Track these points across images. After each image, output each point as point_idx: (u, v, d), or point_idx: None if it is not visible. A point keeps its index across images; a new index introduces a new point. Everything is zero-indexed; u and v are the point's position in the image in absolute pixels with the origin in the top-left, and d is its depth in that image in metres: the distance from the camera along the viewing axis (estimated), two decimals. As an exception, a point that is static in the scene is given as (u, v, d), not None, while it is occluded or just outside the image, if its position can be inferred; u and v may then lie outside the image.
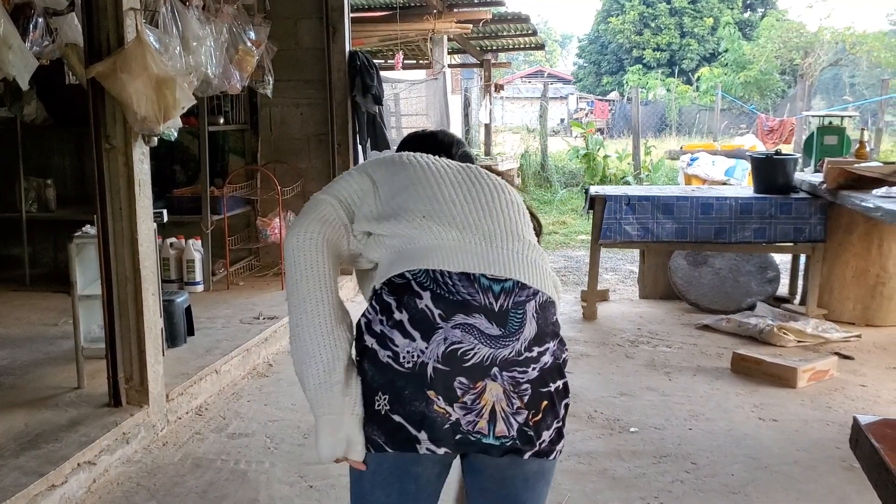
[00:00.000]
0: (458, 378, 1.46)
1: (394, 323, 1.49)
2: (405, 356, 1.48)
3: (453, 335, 1.47)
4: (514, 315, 1.51)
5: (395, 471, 1.55)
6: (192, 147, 6.16)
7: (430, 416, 1.47)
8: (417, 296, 1.50)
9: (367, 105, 6.06)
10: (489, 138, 12.13)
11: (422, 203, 1.61)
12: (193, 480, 3.16)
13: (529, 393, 1.51)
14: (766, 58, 27.45)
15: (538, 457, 1.55)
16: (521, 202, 1.74)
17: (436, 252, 1.54)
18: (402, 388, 1.48)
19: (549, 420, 1.54)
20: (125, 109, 3.24)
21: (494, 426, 1.49)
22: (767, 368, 4.32)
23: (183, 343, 4.35)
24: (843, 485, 3.12)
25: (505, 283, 1.53)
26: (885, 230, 5.20)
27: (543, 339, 1.54)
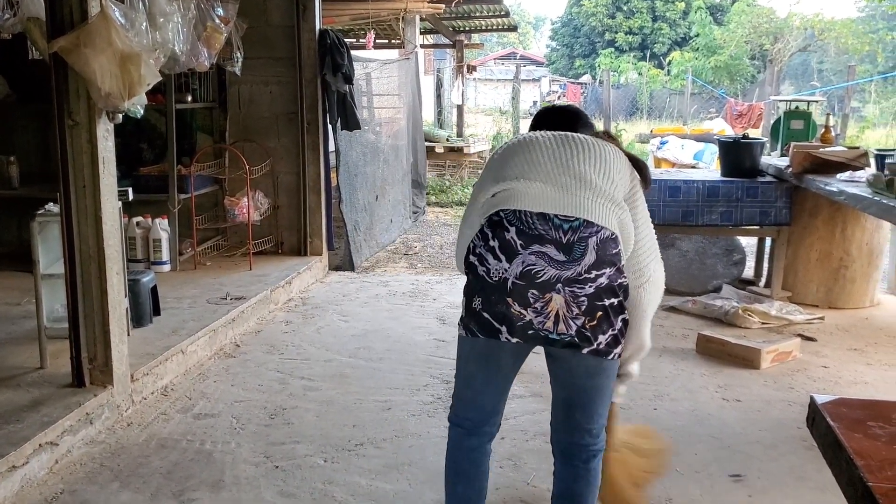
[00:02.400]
0: (531, 290, 2.02)
1: (488, 248, 2.07)
2: (494, 272, 2.05)
3: (529, 259, 2.02)
4: (578, 246, 2.02)
5: (483, 352, 2.17)
6: (160, 125, 6.07)
7: (509, 316, 2.05)
8: (506, 229, 2.06)
9: (337, 84, 6.01)
10: (461, 119, 12.09)
11: (518, 167, 2.16)
12: (158, 461, 3.14)
13: (586, 304, 2.02)
14: (737, 43, 27.61)
15: (596, 355, 2.07)
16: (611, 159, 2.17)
17: (521, 198, 2.08)
18: (490, 295, 2.06)
19: (604, 327, 2.05)
20: (89, 85, 3.18)
21: (557, 326, 2.03)
22: (732, 349, 4.38)
23: (149, 323, 4.31)
24: (803, 464, 3.17)
25: (573, 222, 2.04)
26: (848, 214, 5.28)
27: (601, 265, 2.03)
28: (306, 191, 6.19)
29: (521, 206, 2.07)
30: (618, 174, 2.16)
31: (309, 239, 6.23)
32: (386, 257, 7.20)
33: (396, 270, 6.66)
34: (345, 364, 4.26)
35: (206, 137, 6.24)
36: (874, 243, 5.38)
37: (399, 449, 3.26)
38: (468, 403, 2.29)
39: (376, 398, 3.79)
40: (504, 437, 3.34)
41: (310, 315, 5.17)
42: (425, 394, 3.85)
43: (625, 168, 2.21)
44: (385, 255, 7.26)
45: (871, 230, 5.35)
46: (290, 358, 4.35)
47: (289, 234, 6.27)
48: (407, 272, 6.59)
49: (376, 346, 4.56)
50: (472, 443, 2.30)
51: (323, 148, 6.21)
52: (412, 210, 8.94)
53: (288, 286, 5.52)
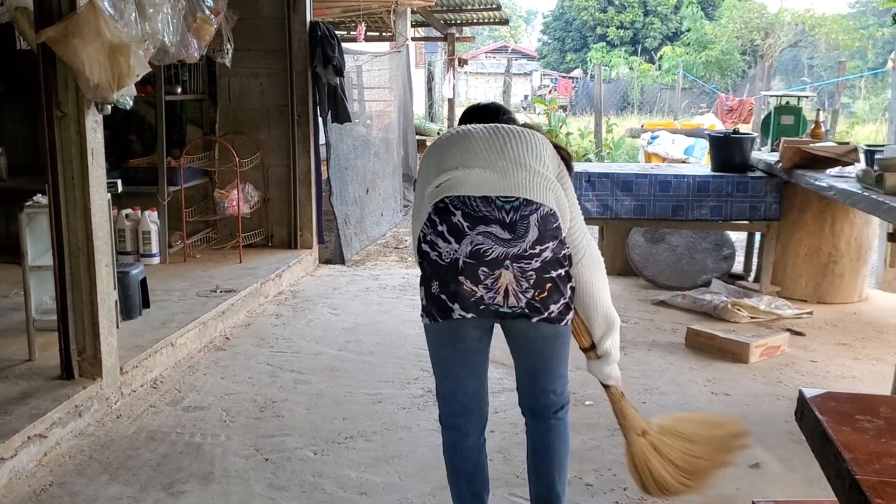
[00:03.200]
0: (481, 268, 2.13)
1: (437, 233, 2.17)
2: (445, 254, 2.15)
3: (476, 239, 2.13)
4: (520, 224, 2.14)
5: (447, 333, 2.26)
6: (149, 117, 6.04)
7: (461, 293, 2.15)
8: (452, 214, 2.16)
9: (327, 76, 5.99)
10: (452, 113, 12.07)
11: (457, 157, 2.26)
12: (147, 453, 3.14)
13: (534, 277, 2.15)
14: (728, 38, 27.66)
15: (549, 322, 2.20)
16: (539, 145, 2.30)
17: (464, 184, 2.20)
18: (444, 276, 2.16)
19: (555, 297, 2.18)
20: (77, 76, 3.16)
21: (507, 300, 2.15)
22: (720, 344, 4.40)
23: (138, 315, 4.29)
24: (791, 457, 3.19)
25: (514, 202, 2.16)
26: (837, 209, 5.30)
27: (544, 240, 2.15)
28: (296, 184, 6.17)
29: (464, 192, 2.18)
30: (547, 157, 2.30)
31: (299, 232, 6.22)
32: (376, 251, 7.20)
33: (387, 264, 6.65)
34: (335, 357, 4.26)
35: (195, 129, 6.21)
36: (863, 238, 5.41)
37: (389, 442, 3.26)
38: (452, 399, 2.36)
39: (366, 391, 3.79)
40: (494, 429, 3.34)
41: (300, 308, 5.17)
42: (415, 387, 3.85)
43: (552, 152, 2.34)
44: (376, 249, 7.26)
45: (859, 225, 5.37)
46: (280, 351, 4.34)
47: (279, 227, 6.26)
48: (397, 266, 6.58)
49: (366, 339, 4.56)
50: (467, 443, 2.38)
51: (313, 141, 6.20)
52: (402, 204, 8.93)
53: (278, 279, 5.50)
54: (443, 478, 2.91)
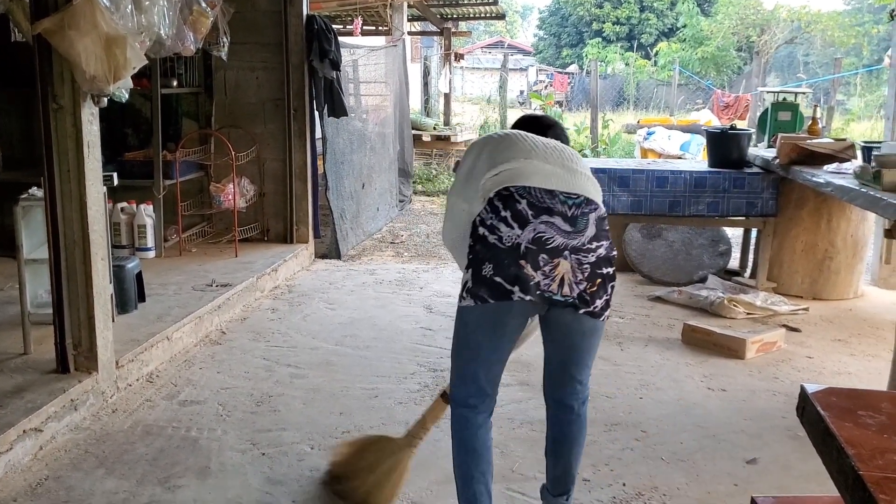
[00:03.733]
0: (541, 255, 2.21)
1: (500, 218, 2.25)
2: (506, 238, 2.22)
3: (539, 228, 2.22)
4: (581, 219, 2.26)
5: (492, 317, 2.29)
6: (145, 110, 6.01)
7: (521, 276, 2.21)
8: (517, 201, 2.25)
9: (324, 70, 5.97)
10: (448, 108, 12.05)
11: (518, 151, 2.38)
12: (143, 447, 3.12)
13: (589, 271, 2.25)
14: (724, 34, 27.67)
15: (591, 316, 2.31)
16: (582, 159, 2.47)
17: (529, 175, 2.30)
18: (503, 259, 2.22)
19: (601, 293, 2.29)
20: (73, 68, 3.14)
21: (562, 288, 2.23)
22: (717, 339, 4.40)
23: (133, 309, 4.28)
24: (787, 453, 3.20)
25: (576, 199, 2.28)
26: (834, 206, 5.31)
27: (600, 237, 2.29)
28: (293, 178, 6.16)
29: (530, 183, 2.28)
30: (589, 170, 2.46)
31: (295, 227, 6.20)
32: (372, 246, 7.18)
33: (383, 259, 6.64)
34: (331, 352, 4.25)
35: (191, 123, 6.18)
36: (859, 235, 5.42)
37: (386, 437, 3.26)
38: (473, 381, 2.40)
39: (363, 386, 3.78)
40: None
41: (296, 303, 5.15)
42: (412, 382, 3.84)
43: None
44: (371, 244, 7.24)
45: (856, 222, 5.38)
46: (276, 345, 4.33)
47: (275, 221, 6.24)
48: (393, 261, 6.57)
49: (363, 334, 4.55)
50: (478, 421, 2.43)
51: (310, 135, 6.18)
52: (398, 198, 8.91)
53: (274, 274, 5.49)
54: (441, 473, 2.93)
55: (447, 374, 3.87)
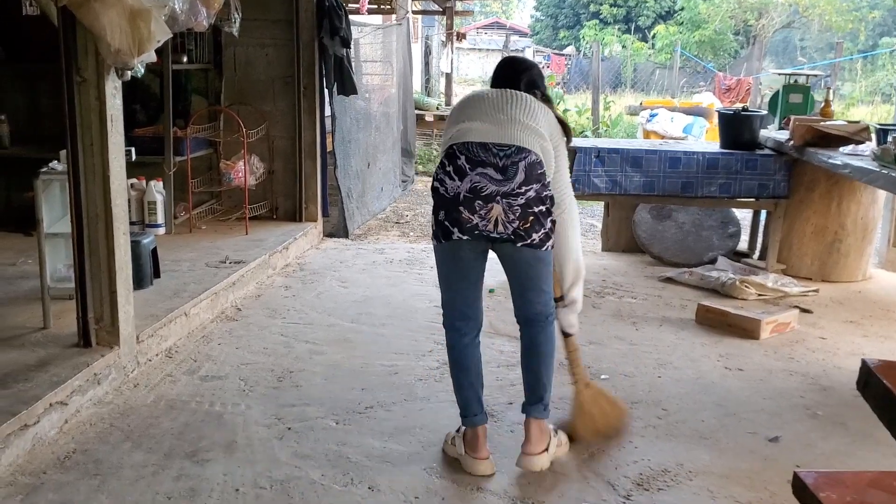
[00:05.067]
0: (476, 201, 2.62)
1: (445, 172, 2.67)
2: (450, 189, 2.65)
3: (475, 178, 2.62)
4: (511, 168, 2.61)
5: (449, 253, 2.77)
6: (154, 86, 5.97)
7: (460, 220, 2.65)
8: (457, 158, 2.65)
9: (334, 48, 5.92)
10: (450, 88, 12.00)
11: (467, 113, 2.78)
12: (168, 422, 3.13)
13: (520, 211, 2.62)
14: (721, 17, 27.58)
15: (531, 247, 2.68)
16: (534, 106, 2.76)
17: (468, 134, 2.69)
18: (448, 207, 2.66)
19: (536, 227, 2.65)
20: (98, 41, 3.11)
21: (497, 227, 2.64)
22: (731, 320, 4.42)
23: (149, 285, 4.26)
24: (808, 432, 3.22)
25: (508, 150, 2.63)
26: (844, 188, 5.32)
27: (529, 182, 2.62)
28: (302, 156, 6.13)
29: (468, 139, 2.67)
30: (542, 119, 2.74)
31: (304, 205, 6.18)
32: (377, 225, 7.17)
33: (389, 238, 6.64)
34: (347, 329, 4.25)
35: (200, 100, 6.14)
36: (869, 218, 5.44)
37: (409, 412, 3.27)
38: (452, 306, 2.88)
39: (382, 363, 3.79)
40: (512, 401, 3.36)
41: (308, 280, 5.15)
42: (430, 359, 3.85)
43: (548, 117, 2.78)
44: (376, 223, 7.23)
45: (866, 205, 5.39)
46: (292, 322, 4.33)
47: (284, 199, 6.22)
48: (401, 240, 6.57)
49: (377, 312, 4.55)
50: (464, 341, 2.88)
51: (319, 113, 6.14)
52: (401, 178, 8.89)
53: (285, 251, 5.48)
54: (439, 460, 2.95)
55: (465, 351, 3.90)
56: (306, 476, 2.75)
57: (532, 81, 2.92)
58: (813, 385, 3.72)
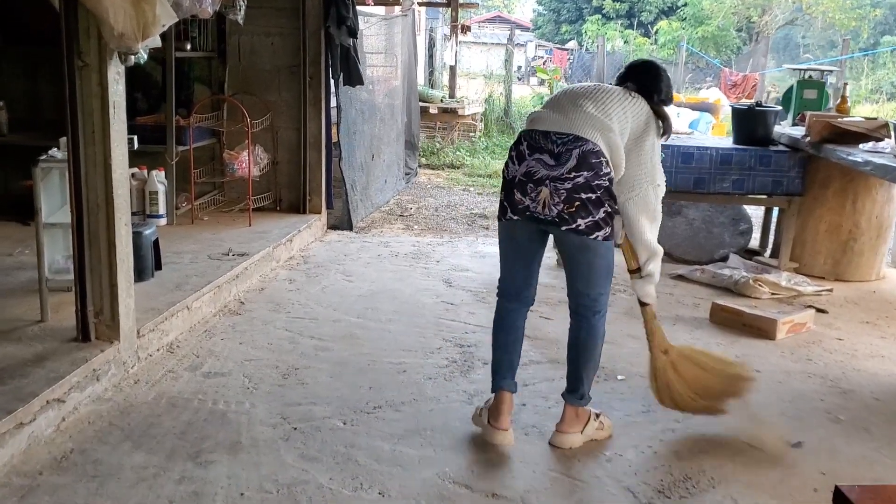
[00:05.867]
0: (528, 184, 2.77)
1: (510, 157, 2.86)
2: (510, 172, 2.84)
3: (531, 163, 2.77)
4: (564, 155, 2.72)
5: (506, 231, 2.97)
6: (155, 73, 5.84)
7: (514, 201, 2.82)
8: (521, 144, 2.84)
9: (341, 37, 5.80)
10: (454, 81, 11.86)
11: (549, 103, 2.97)
12: (170, 420, 3.02)
13: (565, 195, 2.71)
14: (725, 13, 27.43)
15: (576, 233, 2.75)
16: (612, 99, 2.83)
17: (536, 122, 2.86)
18: (507, 188, 2.85)
19: (582, 214, 2.71)
20: (101, 24, 2.98)
21: (544, 209, 2.75)
22: (747, 320, 4.32)
23: (150, 277, 4.15)
24: (831, 437, 3.12)
25: (565, 138, 2.74)
26: (860, 186, 5.21)
27: (581, 168, 2.70)
28: (307, 147, 6.01)
29: (534, 127, 2.83)
30: (617, 112, 2.80)
31: (308, 197, 6.06)
32: (381, 218, 7.06)
33: (394, 231, 6.52)
34: (353, 324, 4.14)
35: (203, 89, 6.02)
36: (884, 216, 5.33)
37: (419, 413, 3.16)
38: (506, 276, 3.04)
39: (390, 360, 3.68)
40: (525, 403, 3.26)
41: (313, 274, 5.03)
42: (439, 357, 3.74)
43: (631, 112, 2.83)
44: (380, 216, 7.11)
45: (881, 203, 5.29)
46: (297, 317, 4.22)
47: (288, 190, 6.10)
48: (405, 233, 6.45)
49: (384, 307, 4.44)
50: (511, 305, 3.03)
51: (325, 103, 6.02)
52: (405, 171, 8.77)
53: (289, 244, 5.36)
54: (479, 451, 2.85)
55: (474, 349, 3.83)
56: (314, 480, 2.64)
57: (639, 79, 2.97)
58: (833, 388, 3.61)
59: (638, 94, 2.89)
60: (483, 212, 7.46)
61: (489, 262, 5.51)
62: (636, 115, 2.83)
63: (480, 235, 6.46)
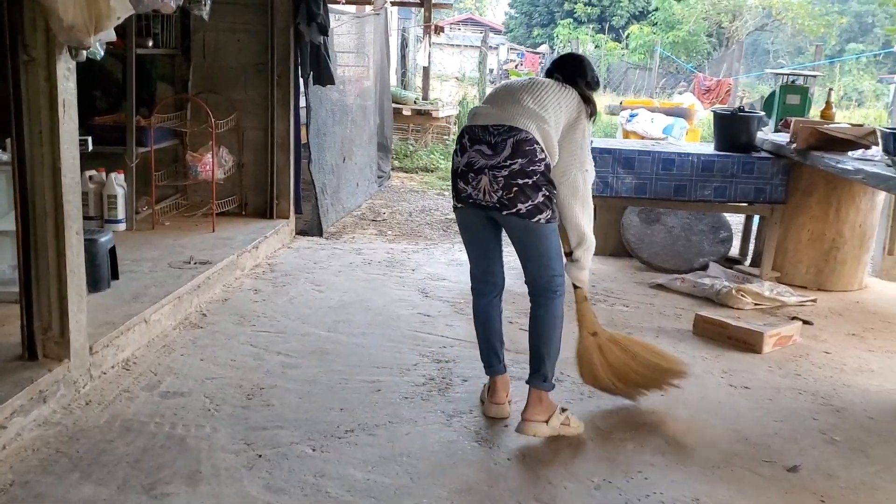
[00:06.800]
0: (470, 174, 2.93)
1: (455, 151, 3.02)
2: (455, 164, 3.00)
3: (472, 155, 2.93)
4: (500, 144, 2.88)
5: (460, 220, 3.15)
6: (115, 71, 5.57)
7: (458, 189, 3.00)
8: (463, 137, 2.99)
9: (311, 35, 5.57)
10: (427, 82, 11.65)
11: (489, 98, 3.13)
12: (124, 447, 2.77)
13: (503, 182, 2.87)
14: (695, 19, 27.56)
15: (518, 216, 2.89)
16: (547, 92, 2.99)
17: (476, 118, 3.01)
18: (454, 179, 3.02)
19: (521, 198, 2.87)
20: (48, 15, 2.74)
21: (485, 196, 2.91)
22: (733, 332, 4.17)
23: (106, 288, 3.90)
24: (828, 460, 2.97)
25: (501, 129, 2.90)
26: (844, 194, 5.10)
27: (515, 156, 2.86)
28: (274, 148, 5.77)
29: (474, 123, 2.99)
30: (552, 102, 2.95)
31: (276, 200, 5.82)
32: (353, 223, 6.83)
33: (366, 237, 6.30)
34: (324, 339, 3.92)
35: (166, 87, 5.76)
36: (867, 225, 5.23)
37: (395, 437, 2.95)
38: (471, 264, 3.22)
39: (363, 378, 3.47)
40: (508, 424, 3.06)
41: (280, 283, 4.80)
42: (416, 374, 3.53)
43: (564, 101, 2.98)
44: (352, 221, 6.89)
45: (865, 211, 5.18)
46: (263, 330, 3.98)
47: (254, 194, 5.86)
48: (378, 239, 6.23)
49: (356, 319, 4.22)
50: (483, 299, 3.22)
51: (293, 103, 5.79)
52: (377, 174, 8.54)
53: (255, 251, 5.12)
54: (461, 480, 2.66)
55: (453, 365, 3.63)
56: (280, 514, 2.42)
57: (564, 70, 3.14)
58: (825, 406, 3.47)
59: (567, 85, 3.06)
60: (457, 217, 7.26)
61: (466, 270, 5.25)
62: (569, 104, 3.00)
63: (456, 242, 6.24)
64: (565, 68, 3.15)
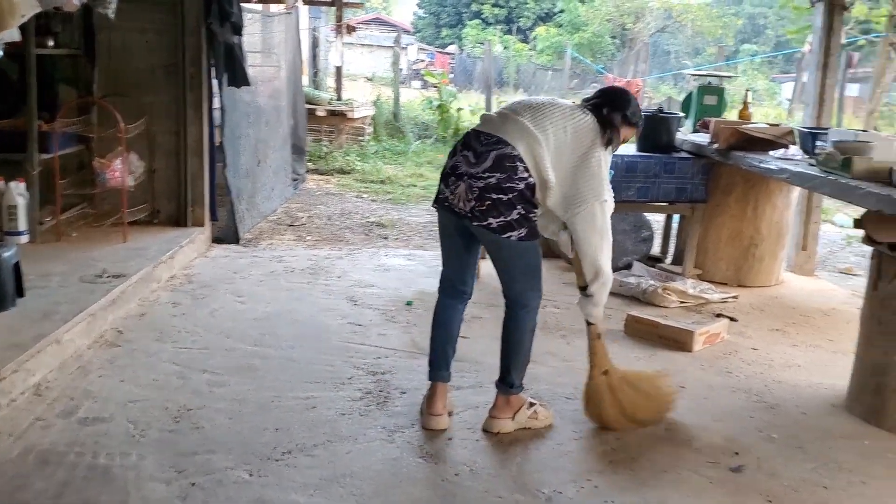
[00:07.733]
0: (451, 178, 2.90)
1: (449, 154, 3.00)
2: (445, 164, 2.97)
3: (458, 159, 2.90)
4: (484, 155, 2.84)
5: (439, 216, 3.07)
6: (11, 72, 5.20)
7: (440, 191, 2.97)
8: (459, 141, 2.99)
9: (224, 34, 5.36)
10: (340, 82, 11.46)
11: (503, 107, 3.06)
12: (41, 481, 2.55)
13: (477, 193, 2.81)
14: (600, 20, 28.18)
15: (489, 230, 2.83)
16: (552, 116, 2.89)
17: (481, 122, 2.99)
18: (440, 178, 2.99)
19: (494, 213, 2.80)
20: (-57, 11, 2.50)
21: (459, 203, 2.86)
22: (663, 332, 4.20)
23: (11, 307, 3.62)
24: (769, 458, 2.99)
25: (490, 139, 2.86)
26: (761, 192, 5.22)
27: (495, 170, 2.80)
28: (187, 153, 5.53)
29: (474, 128, 2.98)
30: (555, 124, 2.87)
31: (190, 207, 5.57)
32: (270, 228, 6.62)
33: (285, 243, 6.10)
34: (251, 354, 3.74)
35: (69, 90, 5.42)
36: (783, 222, 5.37)
37: (335, 457, 2.82)
38: (443, 265, 3.16)
39: (296, 395, 3.31)
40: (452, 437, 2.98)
41: (199, 295, 4.57)
42: (352, 388, 3.40)
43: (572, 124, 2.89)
44: (268, 226, 6.67)
45: (781, 209, 5.32)
46: (185, 347, 3.77)
47: (166, 201, 5.59)
48: (298, 246, 6.05)
49: (283, 331, 4.06)
50: (448, 301, 3.15)
51: (207, 105, 5.55)
52: (292, 177, 8.33)
53: (171, 261, 4.88)
54: (409, 499, 2.56)
55: (390, 377, 3.52)
56: (220, 548, 2.27)
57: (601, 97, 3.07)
58: (759, 403, 3.51)
59: (587, 110, 2.97)
60: (379, 220, 7.14)
61: (394, 276, 5.20)
62: (577, 129, 2.90)
63: (381, 246, 6.13)
64: (602, 97, 3.07)
